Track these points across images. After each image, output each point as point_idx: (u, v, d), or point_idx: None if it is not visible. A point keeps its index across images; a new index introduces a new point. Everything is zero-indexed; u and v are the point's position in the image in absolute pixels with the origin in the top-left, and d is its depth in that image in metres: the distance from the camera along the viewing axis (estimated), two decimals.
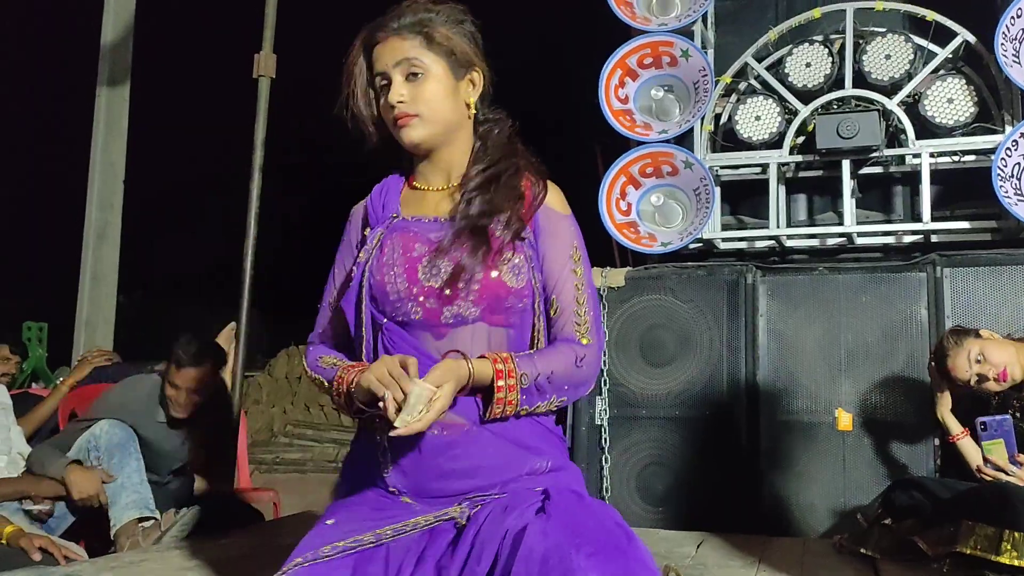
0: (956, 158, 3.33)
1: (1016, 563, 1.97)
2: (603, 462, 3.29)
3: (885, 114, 3.37)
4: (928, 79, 3.36)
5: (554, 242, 1.50)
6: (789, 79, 3.53)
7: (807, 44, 3.54)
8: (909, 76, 3.37)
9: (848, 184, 3.38)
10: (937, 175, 3.33)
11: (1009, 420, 2.37)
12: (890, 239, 3.43)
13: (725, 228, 3.66)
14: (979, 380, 2.48)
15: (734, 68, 3.71)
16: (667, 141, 3.48)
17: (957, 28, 3.37)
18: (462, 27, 1.52)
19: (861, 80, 3.42)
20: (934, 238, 3.34)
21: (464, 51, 1.50)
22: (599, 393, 3.30)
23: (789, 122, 3.50)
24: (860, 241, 3.43)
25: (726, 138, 3.66)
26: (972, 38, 3.35)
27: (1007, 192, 3.03)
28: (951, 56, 3.38)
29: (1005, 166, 3.05)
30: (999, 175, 3.03)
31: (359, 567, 1.28)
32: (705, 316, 3.28)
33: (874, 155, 3.37)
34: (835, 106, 3.43)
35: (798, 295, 3.24)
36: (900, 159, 3.43)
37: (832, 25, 3.61)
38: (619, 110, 3.59)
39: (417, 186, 1.57)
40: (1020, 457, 2.34)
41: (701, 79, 3.46)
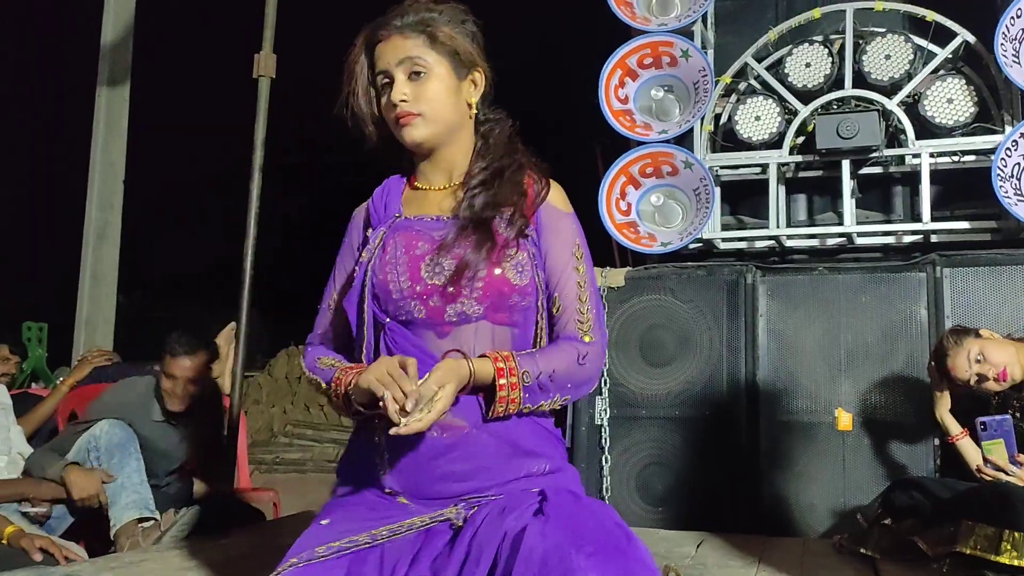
0: (956, 158, 3.34)
1: (1016, 563, 1.97)
2: (603, 462, 3.29)
3: (885, 114, 3.37)
4: (928, 79, 3.36)
5: (556, 239, 1.49)
6: (789, 79, 3.53)
7: (807, 44, 3.54)
8: (909, 76, 3.37)
9: (848, 184, 3.39)
10: (937, 175, 3.33)
11: (1009, 420, 2.37)
12: (890, 239, 3.43)
13: (725, 228, 3.66)
14: (979, 380, 2.48)
15: (734, 68, 3.71)
16: (667, 141, 3.48)
17: (957, 28, 3.37)
18: (464, 27, 1.51)
19: (861, 80, 3.42)
20: (934, 238, 3.34)
21: (467, 51, 1.50)
22: (599, 393, 3.29)
23: (789, 122, 3.50)
24: (860, 241, 3.43)
25: (726, 138, 3.66)
26: (972, 38, 3.35)
27: (1007, 192, 3.03)
28: (951, 56, 3.38)
29: (1005, 166, 3.05)
30: (999, 175, 3.04)
31: (353, 567, 1.27)
32: (705, 316, 3.28)
33: (874, 155, 3.37)
34: (835, 106, 3.44)
35: (798, 295, 3.24)
36: (900, 159, 3.43)
37: (832, 25, 3.61)
38: (619, 110, 3.59)
39: (419, 186, 1.56)
40: (1020, 457, 2.34)
41: (701, 79, 3.46)
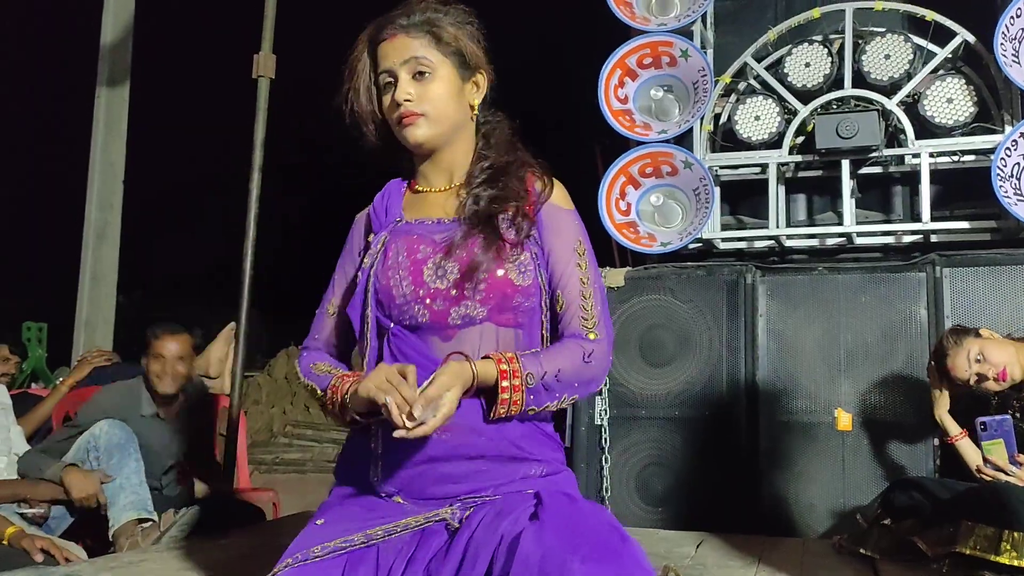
0: (955, 158, 3.34)
1: (1015, 563, 1.97)
2: (603, 462, 3.29)
3: (884, 114, 3.37)
4: (927, 79, 3.36)
5: (558, 237, 1.48)
6: (788, 79, 3.53)
7: (806, 44, 3.54)
8: (908, 76, 3.37)
9: (847, 184, 3.38)
10: (936, 175, 3.33)
11: (1009, 420, 2.37)
12: (890, 239, 3.43)
13: (725, 228, 3.66)
14: (978, 380, 2.48)
15: (733, 68, 3.71)
16: (667, 141, 3.48)
17: (956, 28, 3.37)
18: (469, 29, 1.51)
19: (860, 80, 3.42)
20: (934, 238, 3.34)
21: (472, 52, 1.50)
22: (599, 393, 3.30)
23: (788, 122, 3.50)
24: (859, 241, 3.43)
25: (725, 138, 3.66)
26: (972, 38, 3.35)
27: (1007, 192, 3.03)
28: (950, 56, 3.38)
29: (1004, 166, 3.05)
30: (999, 175, 3.03)
31: (349, 568, 1.27)
32: (705, 316, 3.28)
33: (873, 155, 3.37)
34: (834, 106, 3.43)
35: (798, 295, 3.23)
36: (899, 159, 3.43)
37: (831, 25, 3.61)
38: (619, 110, 3.59)
39: (419, 189, 1.55)
40: (1020, 457, 2.34)
41: (700, 79, 3.46)
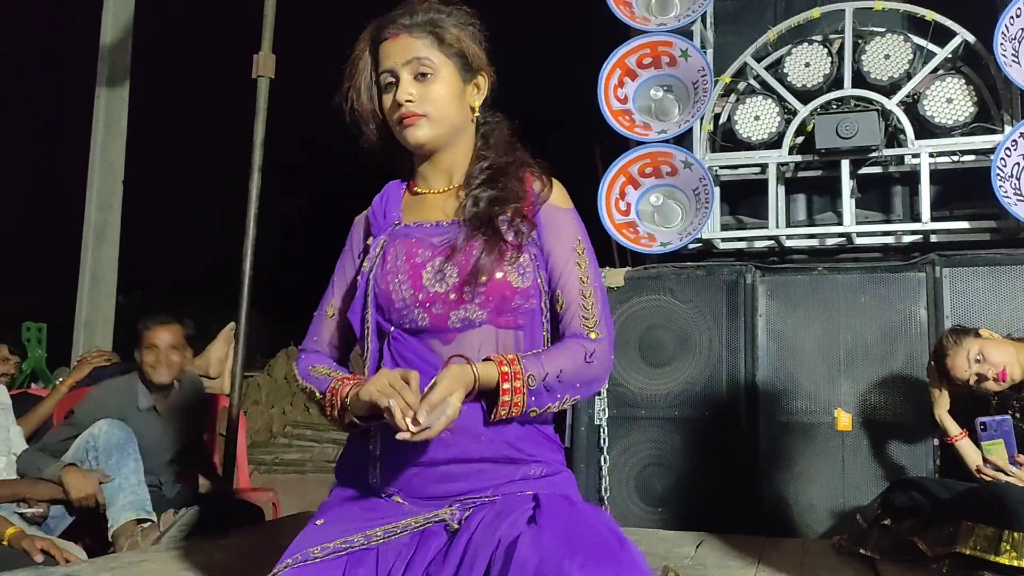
0: (955, 158, 3.33)
1: (1015, 563, 1.97)
2: (602, 462, 3.29)
3: (884, 114, 3.37)
4: (927, 79, 3.36)
5: (557, 237, 1.48)
6: (788, 79, 3.53)
7: (806, 44, 3.54)
8: (908, 76, 3.37)
9: (847, 184, 3.38)
10: (936, 175, 3.32)
11: (1009, 420, 2.37)
12: (889, 239, 3.43)
13: (724, 228, 3.66)
14: (978, 380, 2.48)
15: (733, 68, 3.71)
16: (666, 141, 3.48)
17: (956, 28, 3.37)
18: (471, 30, 1.51)
19: (860, 80, 3.42)
20: (933, 238, 3.33)
21: (474, 54, 1.50)
22: (599, 393, 3.29)
23: (788, 122, 3.50)
24: (859, 241, 3.42)
25: (725, 138, 3.66)
26: (971, 38, 3.35)
27: (1006, 192, 3.03)
28: (950, 56, 3.38)
29: (1004, 166, 3.05)
30: (998, 175, 3.03)
31: (349, 569, 1.27)
32: (704, 316, 3.28)
33: (873, 155, 3.37)
34: (834, 106, 3.43)
35: (797, 295, 3.23)
36: (899, 159, 3.43)
37: (831, 25, 3.61)
38: (618, 110, 3.59)
39: (418, 190, 1.55)
40: (1020, 457, 2.34)
41: (700, 79, 3.46)
